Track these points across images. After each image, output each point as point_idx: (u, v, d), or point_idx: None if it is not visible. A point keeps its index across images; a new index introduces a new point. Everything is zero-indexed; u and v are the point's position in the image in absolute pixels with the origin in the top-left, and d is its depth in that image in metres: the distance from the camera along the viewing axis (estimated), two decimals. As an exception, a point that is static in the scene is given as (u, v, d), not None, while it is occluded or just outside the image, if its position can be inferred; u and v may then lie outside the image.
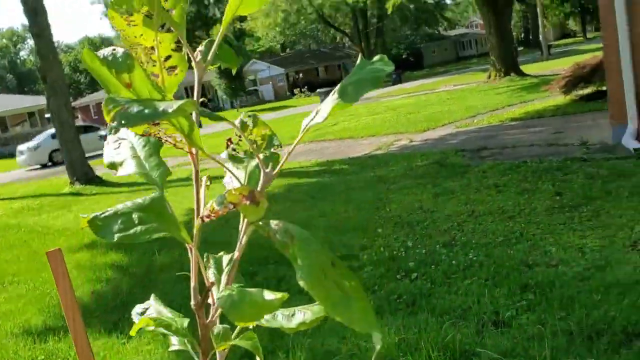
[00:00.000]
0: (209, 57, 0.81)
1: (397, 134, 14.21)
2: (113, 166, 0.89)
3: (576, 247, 4.82)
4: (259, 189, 0.81)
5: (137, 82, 0.75)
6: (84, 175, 15.01)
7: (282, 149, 0.88)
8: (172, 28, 0.78)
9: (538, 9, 40.11)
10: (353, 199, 7.96)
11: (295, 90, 49.53)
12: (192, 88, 0.79)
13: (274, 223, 0.75)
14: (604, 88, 11.86)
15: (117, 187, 13.81)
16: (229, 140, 0.92)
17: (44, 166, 24.80)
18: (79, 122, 37.84)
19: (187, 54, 0.82)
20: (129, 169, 0.87)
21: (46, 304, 5.82)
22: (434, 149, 10.80)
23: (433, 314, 4.02)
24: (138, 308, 1.02)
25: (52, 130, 20.28)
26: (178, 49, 0.81)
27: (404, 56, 61.98)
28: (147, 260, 6.68)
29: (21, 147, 25.49)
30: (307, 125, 0.74)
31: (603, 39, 8.30)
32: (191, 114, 0.75)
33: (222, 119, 0.70)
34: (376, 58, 0.76)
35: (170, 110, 0.63)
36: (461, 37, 70.54)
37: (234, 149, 0.93)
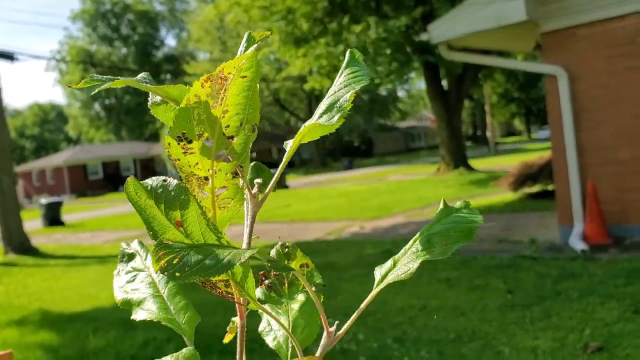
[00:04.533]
0: (266, 190, 0.72)
1: (348, 220, 14.20)
2: (127, 304, 0.76)
3: (529, 348, 4.73)
4: (318, 353, 0.68)
5: (191, 221, 0.64)
6: (19, 245, 14.34)
7: (325, 288, 0.78)
8: (230, 157, 0.69)
9: (486, 108, 42.05)
10: (302, 285, 7.74)
11: (249, 170, 50.41)
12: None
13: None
14: (550, 188, 12.27)
15: (53, 259, 13.18)
16: (263, 274, 0.80)
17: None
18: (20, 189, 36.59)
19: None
20: (149, 312, 0.75)
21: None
22: (385, 238, 10.77)
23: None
24: None
25: None
26: (235, 178, 0.71)
27: (355, 144, 63.37)
28: (80, 342, 6.25)
29: None
30: (382, 278, 0.68)
31: (552, 143, 8.61)
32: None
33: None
34: (460, 204, 0.70)
35: (237, 263, 0.53)
36: (411, 129, 72.80)
37: (269, 286, 0.79)
